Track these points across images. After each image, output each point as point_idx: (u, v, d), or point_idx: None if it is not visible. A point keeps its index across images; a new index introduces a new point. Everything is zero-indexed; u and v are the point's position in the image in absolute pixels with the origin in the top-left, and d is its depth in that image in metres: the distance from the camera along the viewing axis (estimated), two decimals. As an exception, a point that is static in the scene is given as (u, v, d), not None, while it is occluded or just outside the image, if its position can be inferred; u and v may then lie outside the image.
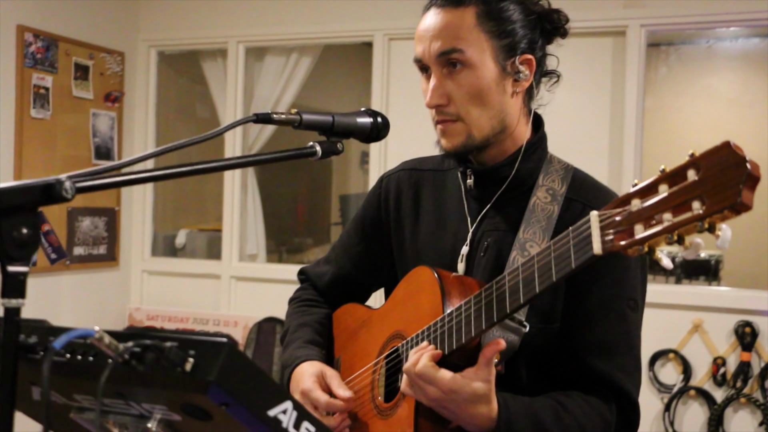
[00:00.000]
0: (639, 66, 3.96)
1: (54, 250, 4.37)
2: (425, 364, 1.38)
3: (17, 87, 4.20)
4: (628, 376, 1.54)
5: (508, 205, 1.62)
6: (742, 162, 0.99)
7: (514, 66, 1.56)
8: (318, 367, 1.67)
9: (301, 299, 1.95)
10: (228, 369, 0.87)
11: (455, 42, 1.53)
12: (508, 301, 1.31)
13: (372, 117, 1.47)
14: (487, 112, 1.56)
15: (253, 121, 1.30)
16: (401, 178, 1.82)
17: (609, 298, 1.54)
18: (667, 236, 1.05)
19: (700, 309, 3.87)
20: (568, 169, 1.64)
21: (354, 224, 1.90)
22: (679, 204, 1.04)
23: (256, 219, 5.01)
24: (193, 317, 4.74)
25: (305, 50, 4.82)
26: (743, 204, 0.98)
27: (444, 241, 1.68)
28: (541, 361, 1.56)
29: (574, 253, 1.19)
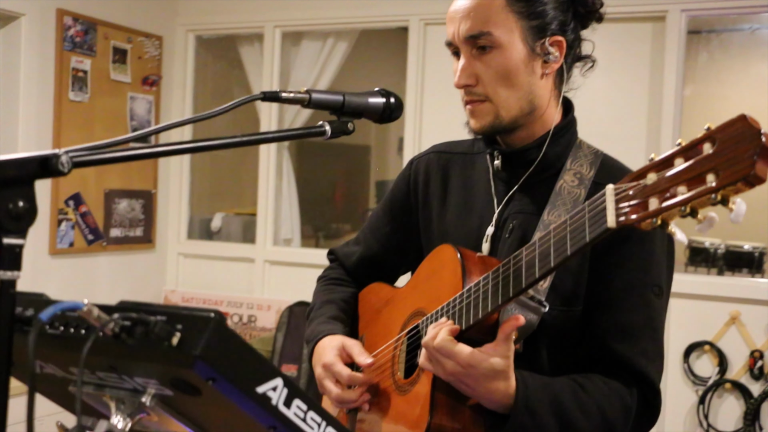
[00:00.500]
0: (679, 52, 3.89)
1: (91, 231, 4.43)
2: (443, 338, 1.38)
3: (56, 70, 4.25)
4: (650, 361, 1.52)
5: (535, 188, 1.62)
6: (757, 134, 0.98)
7: (544, 47, 1.56)
8: (339, 340, 1.70)
9: (328, 278, 1.98)
10: (214, 344, 0.86)
11: (483, 25, 1.54)
12: (524, 276, 1.31)
13: (385, 97, 1.46)
14: (515, 92, 1.56)
15: (260, 99, 1.30)
16: (431, 160, 1.83)
17: (633, 283, 1.53)
18: (680, 209, 1.05)
19: (738, 301, 3.80)
20: (597, 155, 1.63)
21: (383, 206, 1.93)
22: (693, 177, 1.03)
23: (291, 204, 5.03)
24: (227, 300, 4.78)
25: (341, 35, 4.81)
26: (756, 176, 0.97)
27: (470, 222, 1.69)
28: (562, 344, 1.55)
29: (589, 226, 1.18)
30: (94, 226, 4.47)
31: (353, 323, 1.89)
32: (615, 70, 4.07)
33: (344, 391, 1.65)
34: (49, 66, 4.23)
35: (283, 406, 0.93)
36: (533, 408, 1.41)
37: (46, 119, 4.21)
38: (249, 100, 1.28)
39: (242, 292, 4.86)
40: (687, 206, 1.04)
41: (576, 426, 1.45)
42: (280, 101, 1.32)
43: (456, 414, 1.47)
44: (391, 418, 1.60)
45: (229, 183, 5.91)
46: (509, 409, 1.41)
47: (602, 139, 4.02)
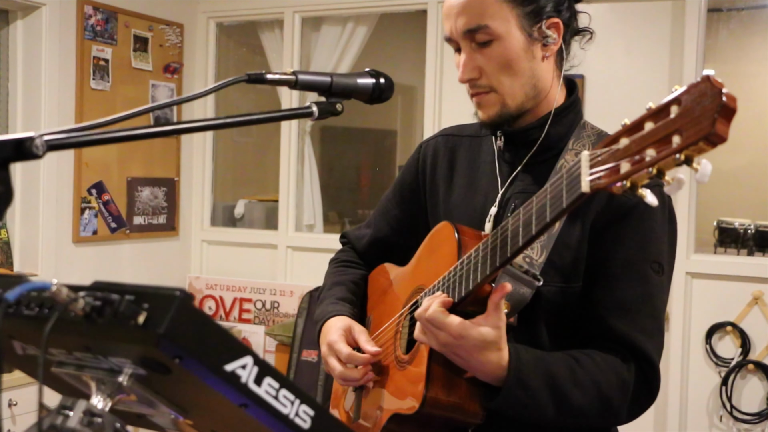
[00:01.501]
0: (699, 31, 3.84)
1: (114, 219, 4.48)
2: (435, 310, 1.40)
3: (77, 59, 4.29)
4: (648, 337, 1.53)
5: (538, 168, 1.63)
6: (718, 93, 0.98)
7: (541, 31, 1.58)
8: (346, 321, 1.73)
9: (339, 260, 2.02)
10: (179, 322, 0.87)
11: (480, 18, 1.55)
12: (509, 245, 1.32)
13: (374, 78, 1.46)
14: (518, 80, 1.58)
15: (245, 81, 1.30)
16: (438, 143, 1.86)
17: (632, 260, 1.54)
18: (648, 171, 1.05)
19: (762, 281, 3.75)
20: (600, 135, 1.63)
21: (393, 189, 1.96)
22: (661, 139, 1.04)
23: (313, 189, 5.04)
24: (250, 287, 4.81)
25: (361, 19, 4.81)
26: (717, 134, 0.98)
27: (475, 202, 1.71)
28: (561, 321, 1.56)
29: (566, 192, 1.20)
30: (117, 214, 4.52)
31: (362, 304, 1.92)
32: (635, 50, 4.03)
33: (347, 369, 1.67)
34: (70, 55, 4.27)
35: (253, 384, 0.94)
36: (526, 381, 1.42)
37: (68, 108, 4.26)
38: (233, 82, 1.29)
39: (265, 278, 4.89)
40: (653, 168, 1.04)
41: (571, 400, 1.46)
42: (266, 83, 1.32)
43: (452, 387, 1.48)
44: (392, 393, 1.63)
45: (251, 170, 5.95)
46: (502, 382, 1.42)
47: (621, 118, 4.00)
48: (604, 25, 4.08)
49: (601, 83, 4.09)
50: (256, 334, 4.73)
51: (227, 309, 4.86)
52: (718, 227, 5.31)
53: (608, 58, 4.08)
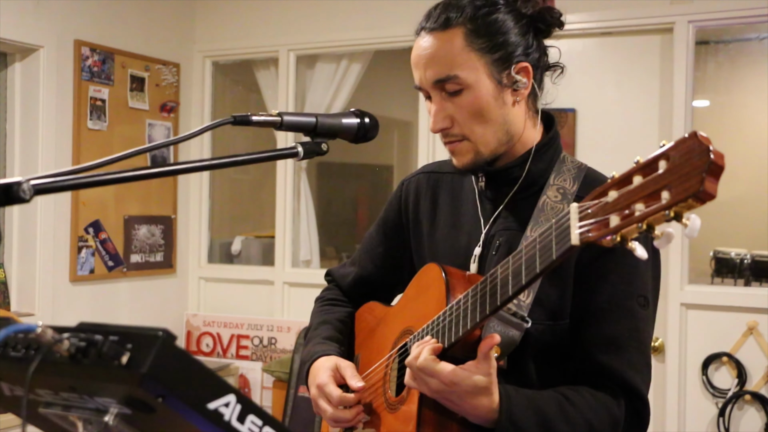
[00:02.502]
0: (688, 63, 3.88)
1: (111, 258, 4.50)
2: (426, 357, 1.41)
3: (74, 100, 4.34)
4: (637, 372, 1.54)
5: (521, 205, 1.64)
6: (706, 151, 0.99)
7: (511, 77, 1.58)
8: (334, 361, 1.73)
9: (325, 299, 2.03)
10: (162, 361, 0.89)
11: (448, 69, 1.56)
12: (499, 293, 1.33)
13: (359, 117, 1.49)
14: (490, 127, 1.59)
15: (231, 123, 1.33)
16: (420, 181, 1.87)
17: (618, 295, 1.55)
18: (638, 226, 1.06)
19: (756, 311, 3.76)
20: (581, 169, 1.65)
21: (376, 227, 1.97)
22: (650, 194, 1.05)
23: (309, 225, 5.06)
24: (247, 323, 4.82)
25: (355, 56, 4.86)
26: (706, 192, 0.99)
27: (459, 241, 1.72)
28: (550, 359, 1.57)
29: (555, 244, 1.21)
30: (114, 252, 4.54)
31: (350, 342, 1.92)
32: (625, 82, 4.07)
33: (338, 410, 1.68)
34: (67, 96, 4.31)
35: (236, 421, 0.95)
36: (517, 422, 1.43)
37: (65, 148, 4.29)
38: (219, 124, 1.32)
39: (262, 314, 4.90)
40: (643, 223, 1.05)
41: None
42: (252, 125, 1.35)
43: (443, 429, 1.49)
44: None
45: (248, 206, 5.97)
46: (494, 424, 1.42)
47: (614, 151, 4.04)
48: (595, 59, 4.13)
49: (592, 116, 4.13)
50: (253, 370, 4.73)
51: (225, 346, 4.86)
52: (714, 257, 5.33)
53: (599, 91, 4.12)
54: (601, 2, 4.06)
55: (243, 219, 5.87)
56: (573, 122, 4.13)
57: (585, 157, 4.10)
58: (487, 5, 1.59)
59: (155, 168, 1.19)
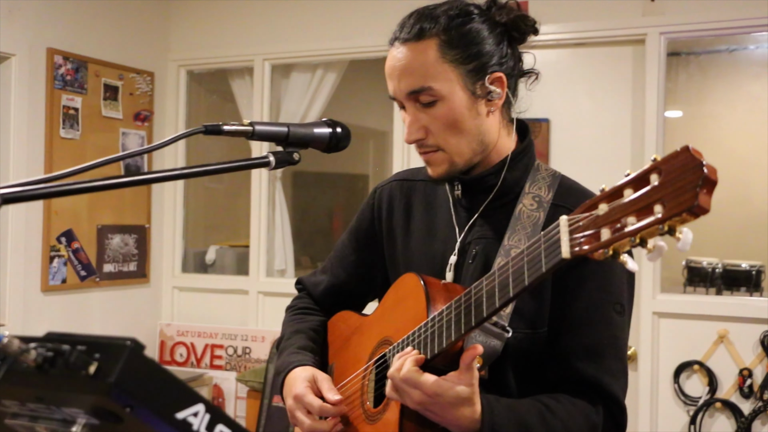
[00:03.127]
0: (659, 74, 3.92)
1: (83, 267, 4.46)
2: (409, 369, 1.40)
3: (47, 108, 4.31)
4: (614, 379, 1.55)
5: (496, 214, 1.65)
6: (699, 166, 1.00)
7: (485, 87, 1.58)
8: (310, 371, 1.71)
9: (297, 308, 2.00)
10: (130, 371, 0.88)
11: (422, 80, 1.56)
12: (485, 305, 1.33)
13: (331, 127, 1.49)
14: (465, 138, 1.59)
15: (202, 133, 1.32)
16: (393, 188, 1.86)
17: (595, 302, 1.56)
18: (630, 239, 1.07)
19: (726, 319, 3.80)
20: (555, 176, 1.66)
21: (348, 235, 1.96)
22: (642, 208, 1.05)
23: (284, 234, 5.05)
24: (221, 333, 4.80)
25: (330, 66, 4.87)
26: (700, 207, 0.99)
27: (434, 249, 1.71)
28: (528, 366, 1.58)
29: (545, 257, 1.20)
30: (86, 262, 4.51)
31: (323, 351, 1.90)
32: (598, 93, 4.11)
33: (316, 422, 1.66)
34: (39, 105, 4.28)
35: (205, 431, 0.95)
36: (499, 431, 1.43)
37: (37, 157, 4.26)
38: (191, 134, 1.31)
39: (237, 324, 4.88)
40: (636, 237, 1.06)
41: None
42: (223, 134, 1.34)
43: None
44: None
45: (222, 215, 5.95)
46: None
47: (587, 161, 4.07)
48: (568, 69, 4.17)
49: (565, 126, 4.16)
50: (227, 380, 4.70)
51: (198, 355, 4.83)
52: (686, 266, 5.37)
53: (572, 101, 4.15)
54: (575, 13, 4.10)
55: (217, 228, 5.85)
56: (547, 132, 4.16)
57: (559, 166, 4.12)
58: (461, 15, 1.59)
59: (129, 177, 1.19)
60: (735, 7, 3.82)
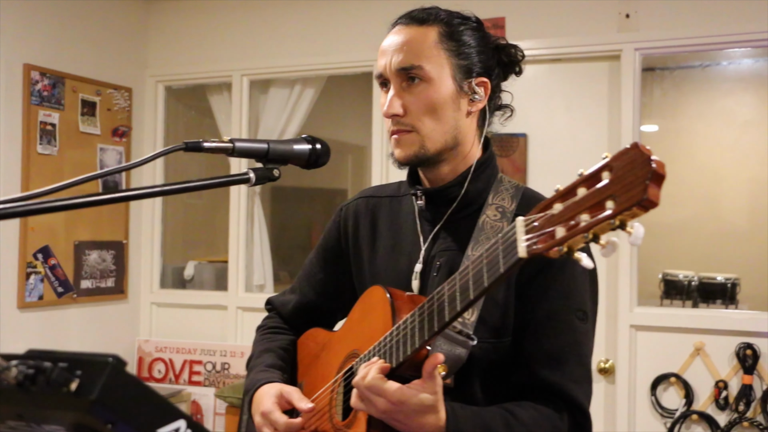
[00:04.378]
0: (635, 89, 3.97)
1: (60, 284, 4.44)
2: (373, 377, 1.42)
3: (24, 125, 4.28)
4: (578, 385, 1.58)
5: (460, 225, 1.68)
6: (648, 160, 1.02)
7: (471, 86, 1.65)
8: (278, 387, 1.72)
9: (266, 327, 2.02)
10: (112, 388, 0.89)
11: (416, 58, 1.62)
12: (447, 310, 1.34)
13: (310, 144, 1.51)
14: (441, 125, 1.63)
15: (182, 150, 1.33)
16: (359, 206, 1.89)
17: (557, 310, 1.59)
18: (583, 236, 1.09)
19: (702, 332, 3.83)
20: (518, 188, 1.69)
21: (316, 253, 1.98)
22: (594, 204, 1.07)
23: (263, 250, 5.05)
24: (200, 348, 4.78)
25: (308, 81, 4.88)
26: (649, 200, 1.01)
27: (399, 262, 1.74)
28: (494, 375, 1.60)
29: (503, 258, 1.22)
30: (63, 278, 4.48)
31: (292, 370, 1.91)
32: (575, 108, 4.15)
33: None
34: (16, 121, 4.26)
35: (186, 447, 0.96)
36: None
37: (14, 173, 4.24)
38: (171, 151, 1.32)
39: (215, 339, 4.86)
40: (589, 233, 1.08)
41: None
42: (203, 151, 1.36)
43: None
44: None
45: (201, 231, 5.94)
46: None
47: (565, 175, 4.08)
48: (545, 85, 4.21)
49: (543, 141, 4.19)
50: (206, 396, 4.68)
51: (177, 372, 4.81)
52: (663, 279, 5.43)
53: (549, 116, 4.19)
54: (551, 30, 4.14)
55: (196, 244, 5.83)
56: (524, 147, 4.19)
57: (536, 180, 4.18)
58: (462, 18, 1.69)
59: (107, 194, 1.19)
60: (708, 24, 3.87)
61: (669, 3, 3.95)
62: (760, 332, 3.70)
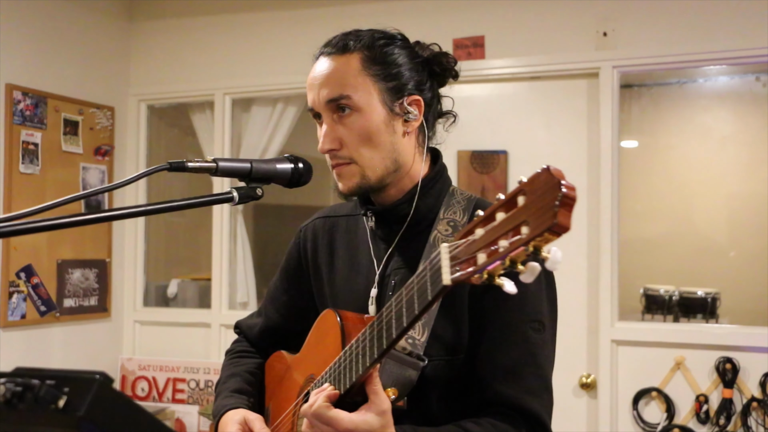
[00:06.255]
0: (613, 106, 4.02)
1: (43, 303, 4.43)
2: (320, 405, 1.41)
3: (6, 144, 4.28)
4: (535, 397, 1.56)
5: (413, 243, 1.67)
6: (557, 185, 1.00)
7: (403, 107, 1.64)
8: (241, 414, 1.71)
9: (234, 351, 2.02)
10: (99, 404, 0.91)
11: (342, 89, 1.61)
12: (385, 337, 1.33)
13: (293, 163, 1.53)
14: (378, 152, 1.63)
15: (167, 170, 1.35)
16: (317, 226, 1.90)
17: (510, 322, 1.57)
18: (500, 263, 1.07)
19: (683, 346, 3.88)
20: (470, 200, 1.68)
21: (279, 276, 1.98)
22: (511, 229, 1.06)
23: (246, 267, 5.06)
24: (183, 366, 4.77)
25: (290, 100, 4.91)
26: (559, 225, 0.99)
27: (357, 284, 1.73)
28: (451, 393, 1.59)
29: (430, 285, 1.21)
30: (46, 297, 4.47)
31: (260, 394, 1.91)
32: (554, 124, 4.19)
33: None
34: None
35: (172, 462, 0.98)
36: None
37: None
38: (155, 171, 1.34)
39: (199, 357, 4.86)
40: (506, 259, 1.06)
41: None
42: (188, 171, 1.38)
43: None
44: None
45: (184, 249, 5.94)
46: None
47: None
48: (525, 102, 4.25)
49: (523, 157, 4.23)
50: (189, 414, 4.68)
51: (160, 390, 4.80)
52: (644, 294, 5.47)
53: (529, 133, 4.24)
54: (530, 48, 4.19)
55: (179, 261, 5.83)
56: (505, 164, 4.23)
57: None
58: (385, 38, 1.66)
59: (90, 214, 1.21)
60: (684, 43, 3.94)
61: (646, 22, 4.02)
62: (740, 346, 3.75)
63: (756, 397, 3.69)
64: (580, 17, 4.12)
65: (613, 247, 3.97)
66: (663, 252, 6.18)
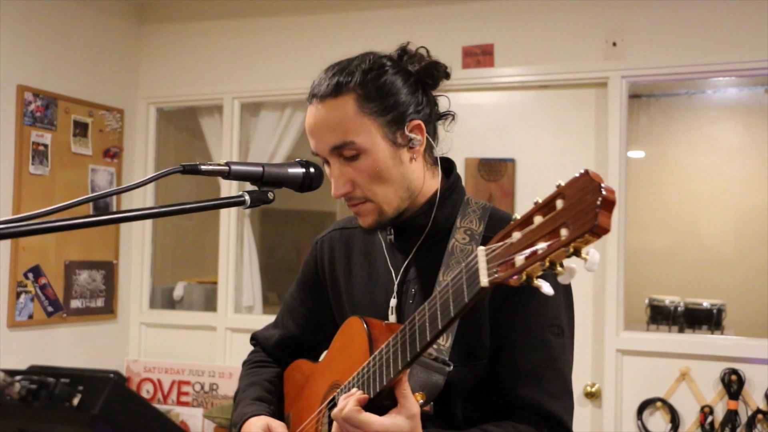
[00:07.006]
0: (621, 116, 4.03)
1: (50, 303, 4.44)
2: (350, 409, 1.42)
3: (16, 145, 4.31)
4: (556, 400, 1.58)
5: (431, 252, 1.69)
6: (598, 188, 1.04)
7: (405, 136, 1.63)
8: (265, 421, 1.73)
9: (252, 362, 2.04)
10: (113, 403, 0.92)
11: (343, 135, 1.59)
12: (418, 341, 1.35)
13: (304, 167, 1.54)
14: (391, 186, 1.63)
15: (180, 172, 1.36)
16: (333, 238, 1.91)
17: (530, 327, 1.60)
18: (540, 264, 1.10)
19: (688, 357, 3.87)
20: (485, 209, 1.70)
21: (296, 287, 2.01)
22: (550, 232, 1.09)
23: (252, 271, 5.07)
24: (189, 369, 4.78)
25: (299, 105, 4.92)
26: (600, 227, 1.03)
27: (376, 294, 1.75)
28: (473, 398, 1.61)
29: (467, 287, 1.23)
30: (53, 297, 4.49)
31: (279, 402, 1.93)
32: (562, 133, 4.20)
33: None
34: (9, 141, 4.29)
35: (183, 462, 0.99)
36: None
37: (5, 193, 4.26)
38: (168, 173, 1.35)
39: (204, 360, 4.87)
40: (546, 260, 1.09)
41: None
42: (200, 173, 1.39)
43: None
44: None
45: (191, 252, 5.95)
46: None
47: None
48: (533, 111, 4.26)
49: (530, 166, 4.24)
50: (194, 416, 4.68)
51: (165, 392, 4.81)
52: (649, 305, 5.46)
53: (537, 141, 4.25)
54: (539, 57, 4.20)
55: (185, 264, 5.85)
56: (512, 172, 4.24)
57: (524, 204, 4.22)
58: (375, 68, 1.63)
59: (99, 216, 1.22)
60: (693, 54, 3.95)
61: (655, 32, 4.03)
62: (746, 358, 3.74)
63: (761, 409, 3.69)
64: (590, 27, 4.13)
65: (620, 257, 3.98)
66: (669, 263, 6.17)
